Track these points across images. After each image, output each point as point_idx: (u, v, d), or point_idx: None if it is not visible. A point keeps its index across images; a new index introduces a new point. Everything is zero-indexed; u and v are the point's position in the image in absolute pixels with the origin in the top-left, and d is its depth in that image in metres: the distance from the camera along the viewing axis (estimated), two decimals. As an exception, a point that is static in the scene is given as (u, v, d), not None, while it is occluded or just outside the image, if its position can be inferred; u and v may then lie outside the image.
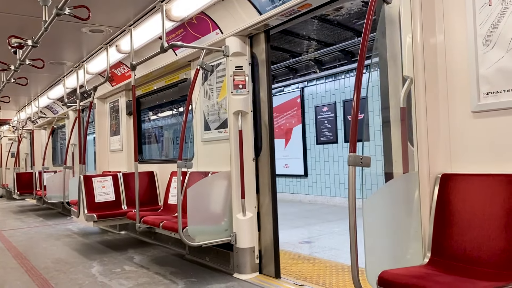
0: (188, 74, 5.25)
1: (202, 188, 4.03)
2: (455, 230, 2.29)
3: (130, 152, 6.55)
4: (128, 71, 5.99)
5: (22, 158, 12.57)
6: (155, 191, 5.88)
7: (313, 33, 8.04)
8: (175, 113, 7.15)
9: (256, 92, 4.19)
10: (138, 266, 4.67)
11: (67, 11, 3.93)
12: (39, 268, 4.75)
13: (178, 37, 4.69)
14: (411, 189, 2.45)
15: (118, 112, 6.96)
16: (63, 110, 9.33)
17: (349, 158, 2.10)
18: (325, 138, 9.56)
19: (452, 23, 2.45)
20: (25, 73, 6.64)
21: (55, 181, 8.08)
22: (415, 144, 2.43)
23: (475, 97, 2.34)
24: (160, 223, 4.27)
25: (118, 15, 4.72)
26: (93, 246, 5.89)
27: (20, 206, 11.73)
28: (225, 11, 3.96)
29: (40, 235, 6.93)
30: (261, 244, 4.11)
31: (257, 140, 4.19)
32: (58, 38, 5.48)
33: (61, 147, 11.55)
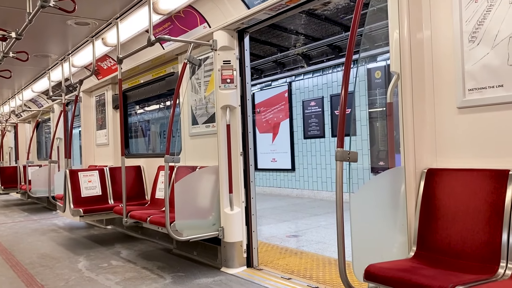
0: (175, 68, 5.22)
1: (189, 182, 4.02)
2: (440, 224, 2.33)
3: (117, 146, 6.50)
4: (115, 64, 5.93)
5: (6, 152, 12.38)
6: (142, 186, 5.85)
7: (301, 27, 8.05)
8: (162, 107, 7.11)
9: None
10: (125, 261, 4.65)
11: (51, 3, 3.86)
12: (24, 264, 4.69)
13: (166, 31, 4.65)
14: (397, 184, 2.48)
15: (104, 106, 6.88)
16: (48, 103, 9.19)
17: (337, 153, 2.12)
18: (312, 132, 9.60)
19: (439, 19, 2.48)
20: (8, 65, 6.52)
21: (40, 176, 7.99)
22: (401, 139, 2.46)
23: (460, 93, 2.38)
24: (147, 217, 4.26)
25: (104, 7, 4.65)
26: (80, 241, 5.85)
27: (4, 201, 11.57)
28: (213, 5, 3.94)
29: (25, 230, 6.85)
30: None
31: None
32: (42, 31, 5.38)
33: (46, 141, 11.40)
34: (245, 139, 4.17)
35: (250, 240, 4.11)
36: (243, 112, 4.17)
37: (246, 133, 4.18)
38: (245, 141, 4.16)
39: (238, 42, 4.13)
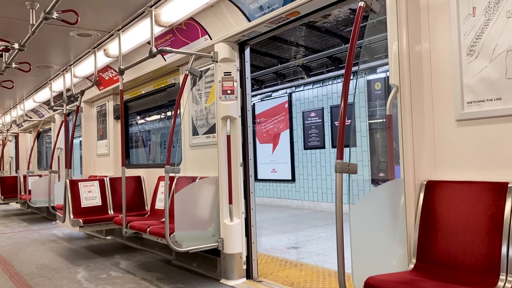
0: (176, 79, 5.25)
1: (189, 193, 4.02)
2: (440, 236, 2.33)
3: (117, 156, 6.51)
4: (116, 75, 5.97)
5: (6, 161, 12.39)
6: (142, 196, 5.85)
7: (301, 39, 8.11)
8: (163, 118, 7.13)
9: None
10: (124, 272, 4.63)
11: (55, 15, 3.91)
12: (23, 274, 4.68)
13: (167, 42, 4.69)
14: (397, 196, 2.48)
15: (106, 116, 6.91)
16: (49, 113, 9.23)
17: (336, 165, 2.12)
18: (312, 143, 9.61)
19: (437, 33, 2.51)
20: (11, 76, 6.57)
21: (40, 186, 7.98)
22: (401, 151, 2.47)
23: (459, 106, 2.39)
24: (147, 228, 4.25)
25: (106, 19, 4.70)
26: (79, 252, 5.82)
27: (4, 211, 11.54)
28: (214, 17, 3.98)
29: (24, 240, 6.82)
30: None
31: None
32: (45, 42, 5.43)
33: (47, 151, 11.41)
34: (245, 150, 4.18)
35: (249, 251, 4.10)
36: (244, 123, 4.19)
37: (246, 143, 4.19)
38: (245, 152, 4.17)
39: (239, 54, 4.17)
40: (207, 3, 3.82)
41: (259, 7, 3.56)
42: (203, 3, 3.85)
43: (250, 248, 4.11)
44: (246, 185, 4.16)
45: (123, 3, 4.27)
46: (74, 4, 4.03)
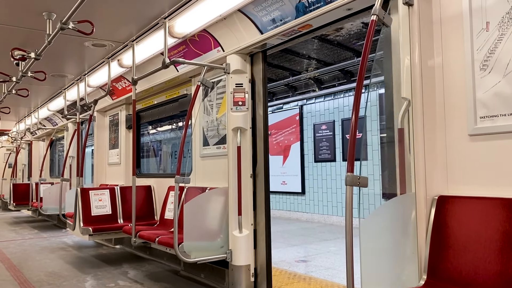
0: (188, 90, 5.29)
1: (199, 203, 4.02)
2: (451, 253, 2.29)
3: (128, 165, 6.55)
4: (129, 85, 6.04)
5: (19, 169, 12.54)
6: (151, 206, 5.87)
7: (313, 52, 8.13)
8: (174, 128, 7.18)
9: (255, 109, 4.23)
10: (132, 281, 4.63)
11: (71, 26, 3.99)
12: (32, 281, 4.70)
13: (180, 54, 4.74)
14: (408, 210, 2.45)
15: (118, 126, 6.98)
16: (62, 122, 9.35)
17: (347, 178, 2.10)
18: (323, 156, 9.57)
19: (450, 47, 2.50)
20: (26, 84, 6.69)
21: (51, 193, 8.05)
22: (412, 165, 2.45)
23: (472, 120, 2.37)
24: (155, 238, 4.25)
25: (121, 30, 4.78)
26: (88, 260, 5.84)
27: (15, 218, 11.65)
28: (227, 29, 4.02)
29: (35, 248, 6.87)
30: (257, 262, 4.08)
31: (255, 157, 4.21)
32: (60, 51, 5.53)
33: (59, 159, 11.53)
34: (255, 161, 4.18)
35: (269, 264, 4.07)
36: (254, 134, 4.19)
37: (256, 155, 4.20)
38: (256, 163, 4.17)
39: (251, 66, 4.20)
40: (220, 15, 3.87)
41: (271, 20, 3.59)
42: (216, 15, 3.89)
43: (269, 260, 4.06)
44: (256, 197, 4.15)
45: (137, 14, 4.34)
46: (90, 15, 4.11)
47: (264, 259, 4.03)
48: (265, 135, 4.16)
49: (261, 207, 4.10)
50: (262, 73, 4.16)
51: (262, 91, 4.17)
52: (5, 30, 4.75)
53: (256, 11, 3.63)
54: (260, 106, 4.17)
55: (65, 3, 3.89)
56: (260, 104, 4.18)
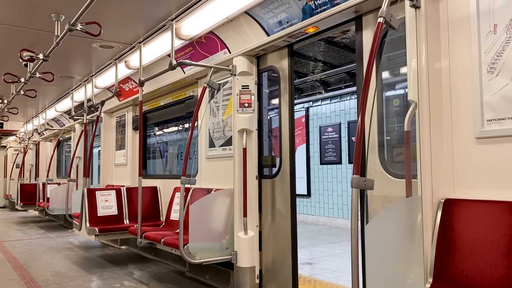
0: (195, 92, 5.31)
1: (204, 205, 4.03)
2: (458, 256, 2.27)
3: (135, 166, 6.58)
4: (136, 86, 6.07)
5: (27, 169, 12.63)
6: (157, 207, 5.89)
7: (320, 54, 8.13)
8: (180, 129, 7.20)
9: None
10: (137, 282, 4.64)
11: (79, 27, 4.02)
12: (39, 281, 4.73)
13: (187, 55, 4.76)
14: (413, 213, 2.44)
15: (124, 127, 7.01)
16: (69, 123, 9.41)
17: (353, 180, 2.10)
18: (329, 158, 9.56)
19: (457, 49, 2.49)
20: (34, 85, 6.74)
21: (58, 193, 8.10)
22: (419, 168, 2.44)
23: (479, 123, 2.36)
24: (161, 239, 4.26)
25: (128, 31, 4.81)
26: (94, 260, 5.87)
27: (22, 217, 11.73)
28: (233, 31, 4.03)
29: (41, 247, 6.91)
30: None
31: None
32: (68, 53, 5.57)
33: (66, 160, 11.60)
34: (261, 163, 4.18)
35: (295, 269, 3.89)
36: (260, 136, 4.20)
37: (261, 156, 4.20)
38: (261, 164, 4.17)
39: (257, 67, 4.20)
40: (227, 18, 3.88)
41: (278, 22, 3.60)
42: (223, 17, 3.91)
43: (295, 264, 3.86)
44: (261, 199, 4.15)
45: (145, 16, 4.36)
46: (98, 16, 4.14)
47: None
48: (291, 135, 3.94)
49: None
50: (288, 69, 3.94)
51: (288, 88, 3.94)
52: (14, 31, 4.79)
53: (262, 13, 3.64)
54: (285, 104, 3.98)
55: (74, 5, 3.92)
56: (285, 102, 3.99)
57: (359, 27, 3.29)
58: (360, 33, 3.28)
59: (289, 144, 3.97)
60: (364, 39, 3.24)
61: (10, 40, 5.09)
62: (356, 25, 3.33)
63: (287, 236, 3.88)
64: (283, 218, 3.94)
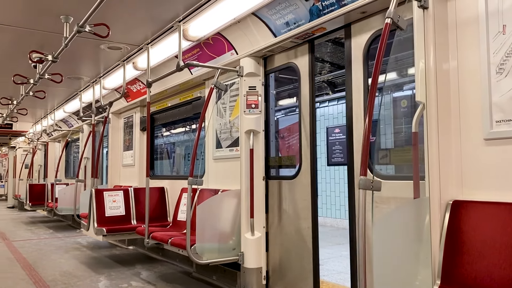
0: (202, 93, 5.33)
1: (211, 205, 4.04)
2: (466, 258, 2.26)
3: (142, 167, 6.61)
4: (144, 87, 6.10)
5: (35, 169, 12.73)
6: (165, 207, 5.91)
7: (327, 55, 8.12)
8: (187, 130, 7.22)
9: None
10: (145, 282, 4.66)
11: (87, 29, 4.05)
12: (47, 280, 4.76)
13: (194, 57, 4.78)
14: (421, 215, 2.43)
15: (132, 128, 7.05)
16: (78, 123, 9.48)
17: (360, 181, 2.10)
18: (336, 159, 9.53)
19: (466, 50, 2.47)
20: (43, 86, 6.80)
21: (66, 194, 8.16)
22: (426, 169, 2.42)
23: (487, 125, 2.34)
24: (168, 239, 4.28)
25: (136, 33, 4.83)
26: (101, 260, 5.90)
27: (31, 217, 11.83)
28: (240, 33, 4.04)
29: (50, 247, 6.97)
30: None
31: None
32: (77, 54, 5.62)
33: (74, 160, 11.68)
34: (268, 164, 4.19)
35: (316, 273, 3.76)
36: (267, 137, 4.20)
37: (269, 157, 4.20)
38: (269, 165, 4.17)
39: (264, 68, 4.21)
40: (235, 19, 3.89)
41: (285, 23, 3.60)
42: (231, 18, 3.92)
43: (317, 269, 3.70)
44: (268, 199, 4.15)
45: (153, 17, 4.39)
46: (106, 18, 4.17)
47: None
48: (311, 135, 3.80)
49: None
50: (309, 65, 3.79)
51: (309, 85, 3.79)
52: (24, 33, 4.84)
53: (270, 14, 3.64)
54: (306, 102, 3.83)
55: (82, 7, 3.95)
56: (305, 101, 3.84)
57: (348, 34, 3.40)
58: (349, 40, 3.39)
59: (310, 144, 3.80)
60: (352, 46, 3.35)
61: (20, 41, 5.14)
62: (345, 33, 3.43)
63: (307, 240, 3.72)
64: (303, 221, 3.78)
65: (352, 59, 3.34)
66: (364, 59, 3.28)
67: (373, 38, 3.21)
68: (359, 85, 3.28)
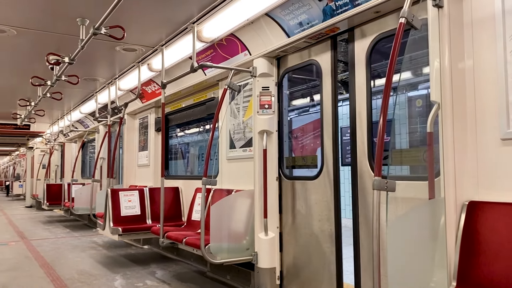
0: (216, 93, 5.36)
1: (225, 205, 4.06)
2: (482, 260, 2.23)
3: (157, 167, 6.67)
4: (158, 88, 6.16)
5: (52, 170, 12.94)
6: (179, 207, 5.95)
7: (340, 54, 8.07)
8: (201, 131, 7.27)
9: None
10: (160, 281, 4.71)
11: (103, 31, 4.11)
12: (64, 279, 4.84)
13: (208, 58, 4.81)
14: (436, 216, 2.41)
15: (147, 128, 7.12)
16: (93, 124, 9.61)
17: (374, 182, 2.09)
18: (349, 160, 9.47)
19: (482, 49, 2.44)
20: (60, 88, 6.92)
21: (82, 194, 8.26)
22: (442, 170, 2.40)
23: (504, 124, 2.31)
24: (183, 239, 4.31)
25: (151, 35, 4.88)
26: (117, 259, 5.97)
27: (48, 217, 12.03)
28: (254, 33, 4.05)
29: (67, 246, 7.08)
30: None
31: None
32: (93, 56, 5.70)
33: (90, 160, 11.84)
34: (281, 164, 4.18)
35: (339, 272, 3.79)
36: (280, 137, 4.21)
37: (282, 157, 4.20)
38: (281, 165, 4.17)
39: (277, 69, 4.21)
40: (248, 20, 3.91)
41: (298, 23, 3.60)
42: (244, 19, 3.93)
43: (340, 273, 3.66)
44: (281, 200, 4.15)
45: (167, 19, 4.43)
46: (121, 20, 4.22)
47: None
48: (334, 134, 3.77)
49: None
50: (332, 62, 3.73)
51: (331, 82, 3.75)
52: (42, 36, 4.93)
53: (283, 14, 3.64)
54: (328, 100, 3.81)
55: (98, 9, 4.01)
56: (328, 98, 3.81)
57: (351, 38, 3.48)
58: (352, 44, 3.46)
59: (333, 144, 3.75)
60: (356, 50, 3.45)
61: (38, 44, 5.24)
62: (349, 36, 3.50)
63: (329, 242, 3.68)
64: (324, 222, 3.75)
65: (356, 61, 3.45)
66: (367, 61, 3.33)
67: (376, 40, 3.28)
68: (362, 87, 3.34)
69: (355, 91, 3.44)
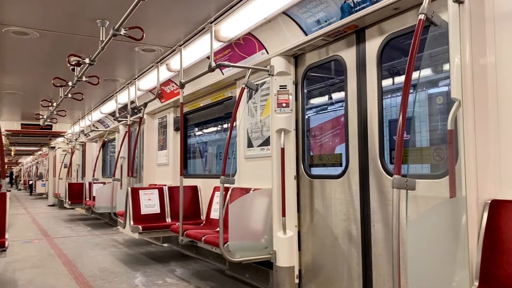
0: (233, 92, 5.38)
1: (243, 204, 4.08)
2: (505, 259, 2.19)
3: (176, 166, 6.74)
4: (177, 88, 6.21)
5: (74, 169, 13.17)
6: (198, 205, 6.00)
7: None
8: (219, 130, 7.30)
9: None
10: (179, 279, 4.76)
11: (122, 32, 4.17)
12: (86, 276, 4.94)
13: (226, 57, 4.83)
14: (458, 215, 2.37)
15: (166, 128, 7.20)
16: (114, 124, 9.75)
17: (394, 180, 2.07)
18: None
19: (504, 45, 2.39)
20: (81, 89, 7.04)
21: (103, 192, 8.39)
22: (463, 168, 2.36)
23: (528, 121, 2.26)
24: (202, 237, 4.35)
25: (169, 35, 4.93)
26: (137, 257, 6.06)
27: (70, 215, 12.27)
28: (271, 32, 4.05)
29: (88, 244, 7.21)
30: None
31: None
32: (112, 57, 5.79)
33: (111, 160, 12.01)
34: (298, 163, 4.17)
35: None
36: (298, 136, 4.20)
37: (299, 156, 4.20)
38: (298, 164, 4.16)
39: (295, 67, 4.20)
40: (265, 18, 3.91)
41: (316, 21, 3.58)
42: (261, 18, 3.94)
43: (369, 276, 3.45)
44: (299, 198, 4.14)
45: (185, 20, 4.47)
46: (140, 21, 4.27)
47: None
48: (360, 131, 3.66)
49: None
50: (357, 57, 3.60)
51: (356, 79, 3.63)
52: (63, 38, 5.03)
53: (300, 12, 3.63)
54: (353, 97, 3.70)
55: (117, 11, 4.07)
56: (352, 95, 3.71)
57: (362, 39, 3.54)
58: (363, 45, 3.53)
59: (359, 142, 3.64)
60: (367, 51, 3.53)
61: (59, 46, 5.35)
62: (360, 38, 3.56)
63: (354, 242, 3.53)
64: (348, 222, 3.60)
65: (367, 61, 3.50)
66: (378, 60, 3.31)
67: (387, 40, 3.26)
68: (373, 86, 3.33)
69: (366, 91, 3.43)
